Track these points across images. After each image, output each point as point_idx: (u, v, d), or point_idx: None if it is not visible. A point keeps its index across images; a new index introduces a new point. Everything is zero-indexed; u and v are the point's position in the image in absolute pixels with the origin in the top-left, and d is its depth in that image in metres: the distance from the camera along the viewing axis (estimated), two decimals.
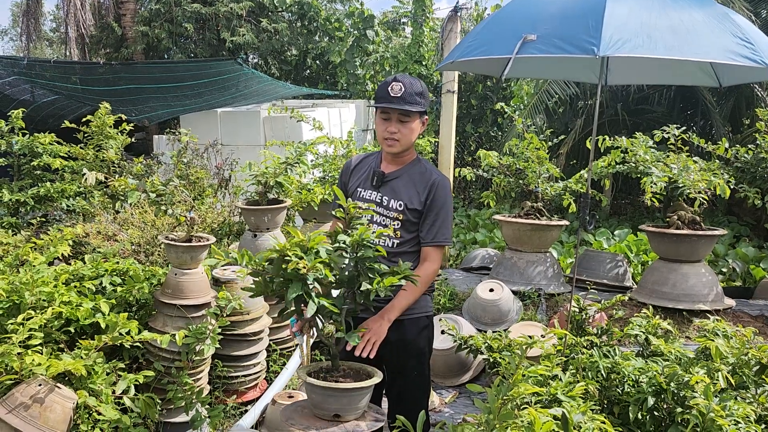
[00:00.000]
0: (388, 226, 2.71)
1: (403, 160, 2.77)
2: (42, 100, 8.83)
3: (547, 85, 10.46)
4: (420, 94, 2.65)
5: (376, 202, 2.74)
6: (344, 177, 2.90)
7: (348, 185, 2.86)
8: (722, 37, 2.86)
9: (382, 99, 2.64)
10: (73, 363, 2.80)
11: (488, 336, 3.68)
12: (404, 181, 2.73)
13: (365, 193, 2.76)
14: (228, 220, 5.25)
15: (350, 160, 2.94)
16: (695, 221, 5.20)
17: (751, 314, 5.28)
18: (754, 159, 5.76)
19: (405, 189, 2.71)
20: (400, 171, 2.76)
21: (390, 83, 2.63)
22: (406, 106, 2.60)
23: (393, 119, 2.66)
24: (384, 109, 2.66)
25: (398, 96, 2.60)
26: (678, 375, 2.80)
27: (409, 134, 2.67)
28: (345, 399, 2.29)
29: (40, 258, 3.52)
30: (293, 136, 7.84)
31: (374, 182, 2.75)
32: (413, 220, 2.70)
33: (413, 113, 2.65)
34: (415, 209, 2.69)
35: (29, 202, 5.32)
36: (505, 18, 3.31)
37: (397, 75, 2.69)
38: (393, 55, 12.27)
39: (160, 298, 3.51)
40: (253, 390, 3.99)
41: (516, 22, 3.09)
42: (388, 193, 2.73)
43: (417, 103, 2.63)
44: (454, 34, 7.10)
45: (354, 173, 2.87)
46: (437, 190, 2.69)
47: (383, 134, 2.69)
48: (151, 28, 13.81)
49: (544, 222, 5.66)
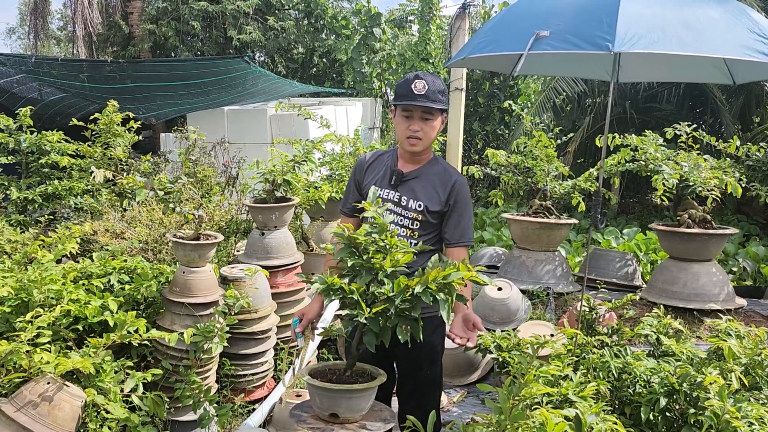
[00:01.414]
0: (407, 226, 2.68)
1: (421, 159, 2.72)
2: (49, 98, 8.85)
3: (554, 82, 10.40)
4: (442, 92, 2.62)
5: (393, 202, 2.69)
6: (358, 174, 2.83)
7: (362, 183, 2.80)
8: (738, 33, 2.82)
9: (404, 97, 2.58)
10: (82, 361, 2.79)
11: (497, 335, 3.66)
12: (423, 181, 2.69)
13: (382, 192, 2.68)
14: (235, 218, 5.23)
15: (363, 157, 2.87)
16: (706, 220, 5.16)
17: (763, 314, 5.23)
18: (766, 157, 5.71)
19: (424, 189, 2.67)
20: (418, 170, 2.71)
21: (413, 81, 2.57)
22: (429, 103, 2.56)
23: (416, 117, 2.60)
24: (406, 107, 2.60)
25: (422, 94, 2.55)
26: (690, 375, 2.77)
27: (431, 132, 2.63)
28: (343, 400, 2.27)
29: (48, 256, 3.52)
30: (300, 134, 7.83)
31: (392, 181, 2.70)
32: (432, 221, 2.67)
33: (436, 111, 2.60)
34: (435, 210, 2.65)
35: (37, 200, 5.32)
36: (517, 14, 3.28)
37: (418, 72, 2.62)
38: (400, 52, 12.23)
39: (168, 296, 3.50)
40: (261, 389, 3.97)
41: (528, 18, 3.07)
42: (406, 192, 2.68)
43: (440, 101, 2.59)
44: (463, 32, 7.07)
45: (369, 171, 2.80)
46: (459, 191, 2.66)
47: (405, 132, 2.62)
48: (158, 26, 13.83)
49: (553, 221, 5.63)
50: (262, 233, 4.42)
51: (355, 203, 2.71)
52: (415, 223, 2.69)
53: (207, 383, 3.51)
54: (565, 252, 7.07)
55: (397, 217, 2.69)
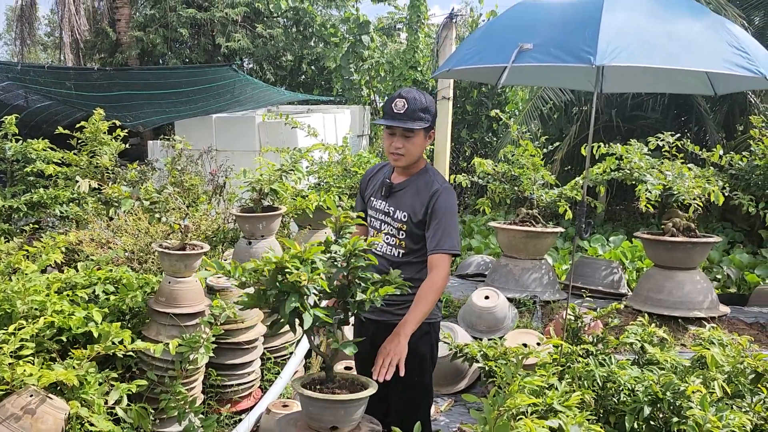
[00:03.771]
0: (395, 236, 2.77)
1: (411, 171, 2.83)
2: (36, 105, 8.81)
3: (541, 91, 10.47)
4: (424, 109, 2.68)
5: (384, 212, 2.83)
6: (362, 186, 3.02)
7: (365, 194, 2.98)
8: (719, 47, 2.86)
9: (386, 115, 2.71)
10: (65, 373, 2.77)
11: (484, 344, 3.67)
12: (410, 191, 2.78)
13: (377, 203, 2.87)
14: (222, 227, 5.22)
15: (368, 171, 3.06)
16: (690, 228, 5.20)
17: (746, 321, 5.28)
18: (748, 166, 5.78)
19: (410, 199, 2.76)
20: (406, 182, 2.82)
21: (394, 99, 2.68)
22: (408, 123, 2.65)
23: (398, 134, 2.71)
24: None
25: (401, 113, 2.65)
26: (674, 384, 2.80)
27: (413, 149, 2.72)
28: (341, 411, 2.27)
29: (32, 266, 3.49)
30: (289, 142, 7.83)
31: (383, 192, 2.84)
32: (417, 231, 2.74)
33: (416, 129, 2.68)
34: (419, 220, 2.73)
35: (22, 209, 5.28)
36: (501, 27, 3.31)
37: (402, 91, 2.71)
38: (388, 60, 12.28)
39: (153, 307, 3.48)
40: (248, 399, 3.95)
41: (512, 30, 3.10)
42: (394, 203, 2.80)
43: (420, 119, 2.66)
44: (450, 41, 7.12)
45: (370, 183, 2.97)
46: (438, 198, 2.70)
47: (388, 149, 2.75)
48: (146, 33, 13.80)
49: (540, 229, 5.66)
50: (249, 242, 4.41)
51: (361, 211, 2.89)
52: (401, 233, 2.77)
53: (192, 394, 3.49)
54: (552, 260, 7.11)
55: (387, 227, 2.81)
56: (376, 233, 2.83)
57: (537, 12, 3.15)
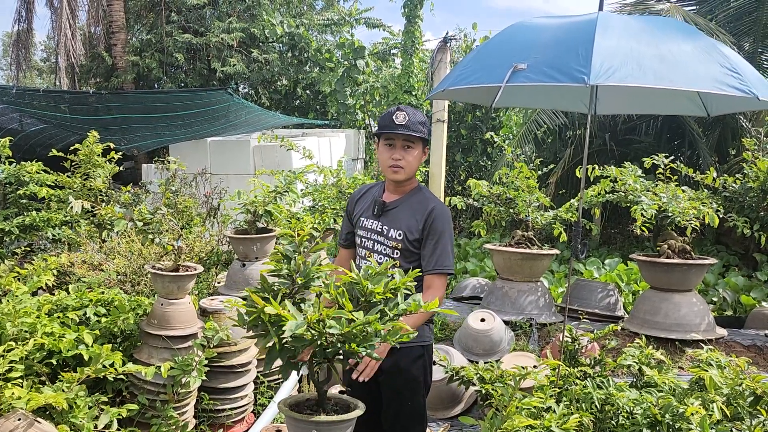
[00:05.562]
0: (389, 255, 2.73)
1: (404, 189, 2.81)
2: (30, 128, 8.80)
3: (535, 114, 10.54)
4: (422, 123, 2.73)
5: (377, 231, 2.79)
6: (350, 207, 2.99)
7: (353, 214, 2.94)
8: (710, 67, 2.88)
9: (386, 127, 2.71)
10: (54, 396, 2.72)
11: (480, 367, 3.62)
12: (404, 210, 2.77)
13: (367, 222, 2.83)
14: (216, 249, 5.19)
15: (356, 191, 3.04)
16: (685, 250, 5.20)
17: (743, 344, 5.25)
18: (742, 188, 5.80)
19: (405, 218, 2.74)
20: (400, 200, 2.80)
21: (394, 112, 2.71)
22: (410, 132, 2.67)
23: (397, 146, 2.72)
24: (388, 136, 2.72)
25: (402, 124, 2.68)
26: (673, 406, 2.76)
27: (412, 161, 2.73)
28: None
29: (22, 288, 3.45)
30: (283, 165, 7.84)
31: (375, 211, 2.81)
32: (412, 250, 2.72)
33: (417, 140, 2.71)
34: (415, 239, 2.71)
35: (14, 232, 5.23)
36: (495, 47, 3.33)
37: (399, 105, 2.76)
38: (383, 84, 12.38)
39: (145, 329, 3.43)
40: (240, 423, 3.89)
41: (506, 51, 3.12)
42: (387, 222, 2.77)
43: (420, 131, 2.71)
44: (444, 64, 7.18)
45: (359, 203, 2.94)
46: (435, 218, 2.69)
47: (387, 162, 2.74)
48: (142, 57, 13.88)
49: (535, 251, 5.64)
50: (243, 264, 4.38)
51: (348, 233, 2.92)
52: (396, 252, 2.73)
53: (184, 418, 3.42)
54: (547, 282, 7.08)
55: (380, 246, 2.77)
56: (369, 253, 2.80)
57: (530, 33, 3.18)
